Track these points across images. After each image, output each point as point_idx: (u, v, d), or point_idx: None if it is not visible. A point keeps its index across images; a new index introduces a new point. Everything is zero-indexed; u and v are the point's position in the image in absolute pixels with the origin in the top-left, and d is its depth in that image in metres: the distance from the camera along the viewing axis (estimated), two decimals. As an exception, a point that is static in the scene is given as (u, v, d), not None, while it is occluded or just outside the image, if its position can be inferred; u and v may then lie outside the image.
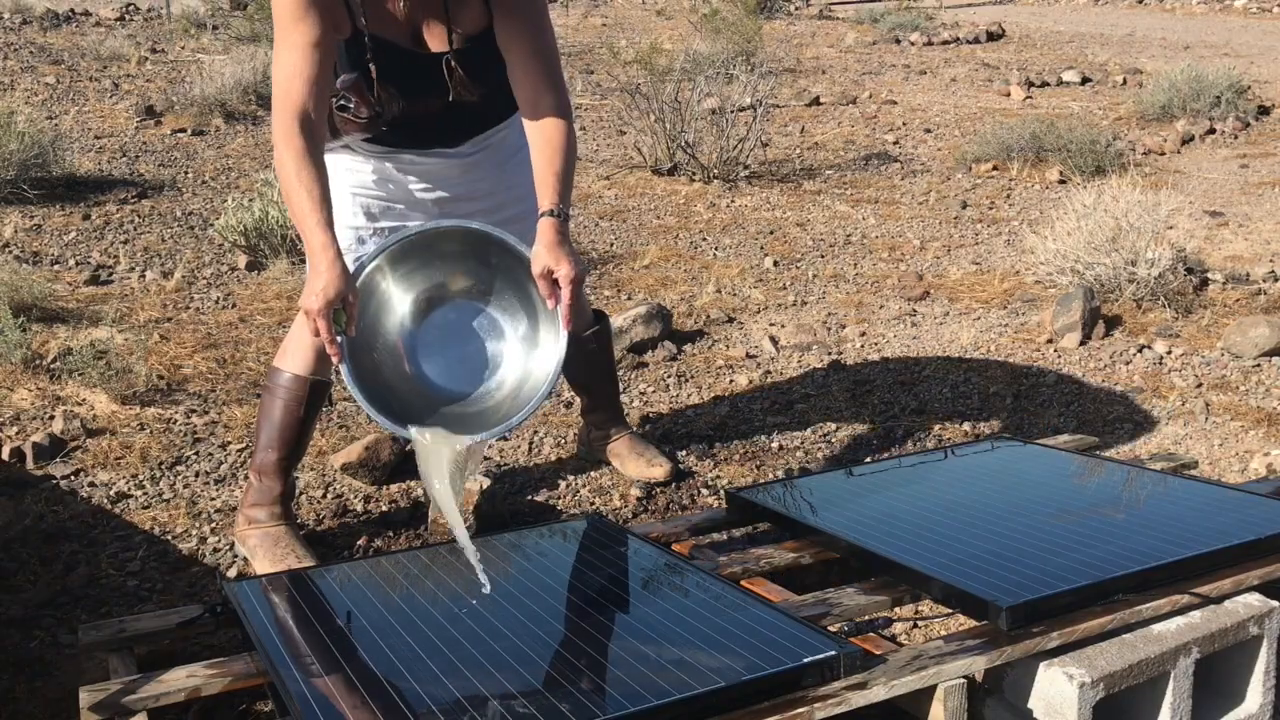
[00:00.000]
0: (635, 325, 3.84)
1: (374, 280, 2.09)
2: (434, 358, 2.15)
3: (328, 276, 1.94)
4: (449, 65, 2.19)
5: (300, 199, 1.99)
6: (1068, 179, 6.49)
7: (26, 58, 9.13)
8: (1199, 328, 4.04)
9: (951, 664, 1.72)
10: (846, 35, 13.26)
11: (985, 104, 9.16)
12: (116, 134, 6.88)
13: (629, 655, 1.72)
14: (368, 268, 2.07)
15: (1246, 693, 1.94)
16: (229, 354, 3.69)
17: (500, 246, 2.12)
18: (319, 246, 1.96)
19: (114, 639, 1.96)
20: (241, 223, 4.63)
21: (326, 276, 1.94)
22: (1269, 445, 3.11)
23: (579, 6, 15.30)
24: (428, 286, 2.15)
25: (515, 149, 2.47)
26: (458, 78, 2.21)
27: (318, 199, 1.99)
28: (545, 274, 2.06)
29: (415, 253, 2.12)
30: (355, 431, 3.13)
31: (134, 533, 2.61)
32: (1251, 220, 5.72)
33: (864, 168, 6.94)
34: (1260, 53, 12.27)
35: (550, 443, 3.11)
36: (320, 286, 1.94)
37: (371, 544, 2.56)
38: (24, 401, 3.25)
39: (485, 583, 1.95)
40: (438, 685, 1.65)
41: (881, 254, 5.14)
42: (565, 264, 2.04)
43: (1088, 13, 17.75)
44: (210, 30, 11.30)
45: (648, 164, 6.56)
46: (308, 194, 1.99)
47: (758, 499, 2.46)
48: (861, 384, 3.59)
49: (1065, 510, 2.29)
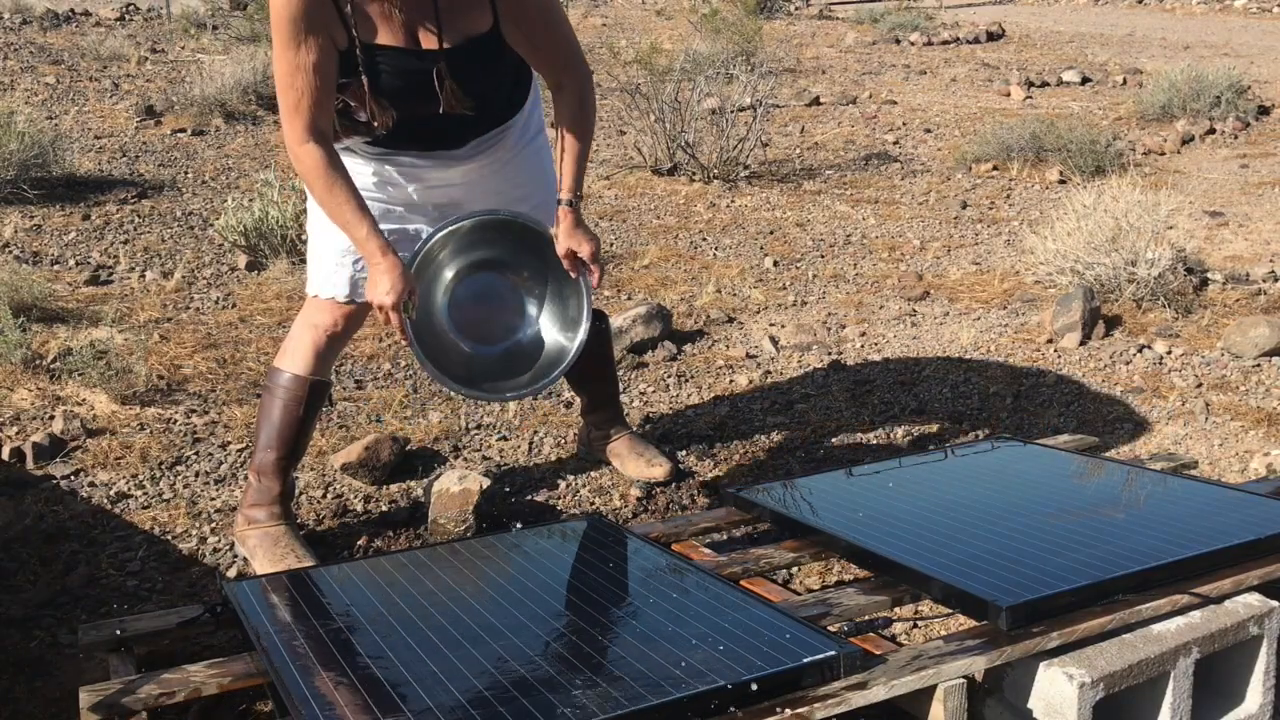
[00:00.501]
0: (635, 325, 3.84)
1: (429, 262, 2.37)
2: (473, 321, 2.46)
3: (392, 275, 2.17)
4: (439, 76, 2.18)
5: (344, 215, 2.18)
6: (1068, 179, 6.49)
7: (26, 58, 9.13)
8: (1199, 328, 4.04)
9: (951, 664, 1.72)
10: (846, 35, 13.26)
11: (985, 104, 9.16)
12: (116, 134, 6.89)
13: (629, 655, 1.72)
14: (418, 257, 2.31)
15: (1246, 693, 1.94)
16: (229, 354, 3.70)
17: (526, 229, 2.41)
18: (376, 251, 2.17)
19: (114, 639, 1.96)
20: (241, 223, 4.63)
21: (391, 276, 2.17)
22: (1269, 445, 3.11)
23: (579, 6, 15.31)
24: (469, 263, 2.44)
25: (517, 148, 2.47)
26: (449, 89, 2.20)
27: (358, 209, 2.18)
28: (569, 254, 2.37)
29: (453, 240, 2.38)
30: (355, 431, 3.13)
31: (134, 533, 2.61)
32: (1251, 220, 5.72)
33: (864, 168, 6.94)
34: (1260, 53, 12.27)
35: (550, 443, 3.11)
36: (389, 285, 2.17)
37: (371, 544, 2.56)
38: (24, 401, 3.25)
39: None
40: (438, 685, 1.65)
41: (881, 254, 5.14)
42: (586, 245, 2.37)
43: (1088, 13, 17.75)
44: (210, 30, 11.30)
45: (648, 164, 6.56)
46: (349, 207, 2.17)
47: (758, 499, 2.46)
48: (861, 384, 3.60)
49: (1065, 510, 2.29)
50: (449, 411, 3.31)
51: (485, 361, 2.46)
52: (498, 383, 2.44)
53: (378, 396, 3.40)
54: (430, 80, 2.19)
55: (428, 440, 3.11)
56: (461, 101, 2.22)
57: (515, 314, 2.50)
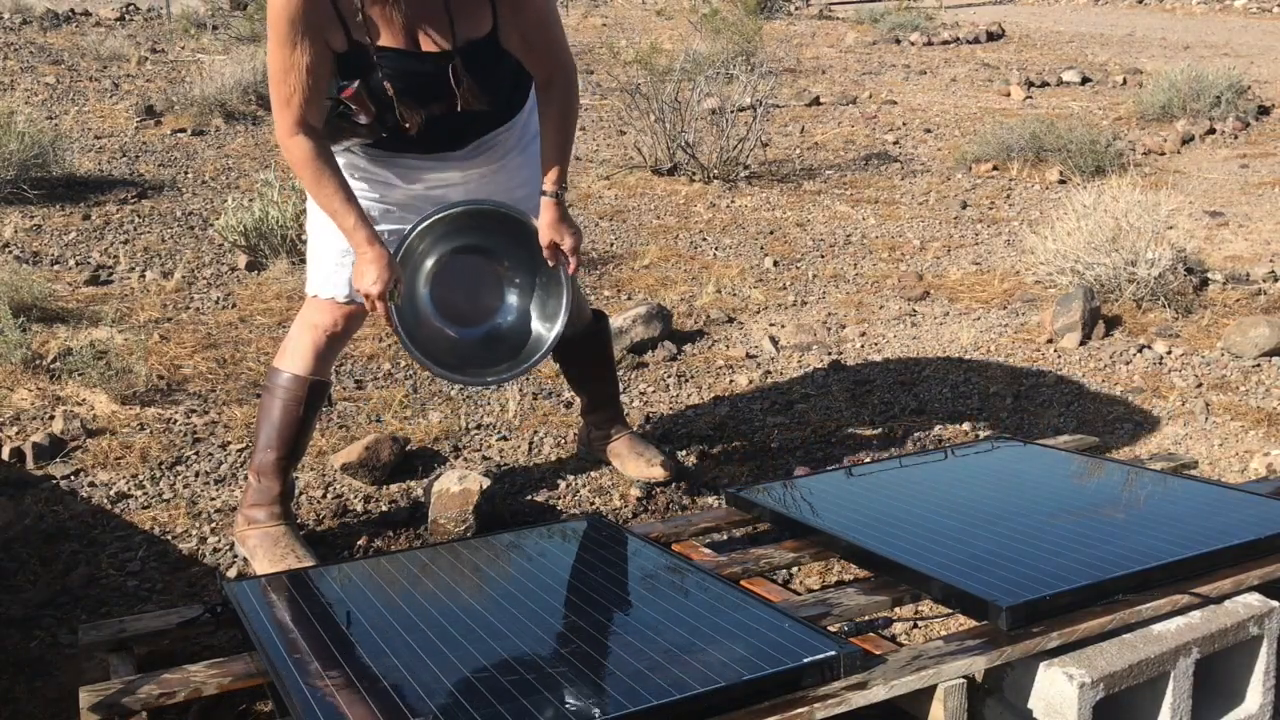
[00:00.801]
0: (635, 325, 3.84)
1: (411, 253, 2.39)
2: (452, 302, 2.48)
3: (378, 265, 2.22)
4: (455, 73, 2.20)
5: (332, 205, 2.22)
6: (1068, 179, 6.49)
7: (26, 58, 9.13)
8: (1199, 328, 4.04)
9: (951, 664, 1.72)
10: (846, 35, 13.26)
11: (985, 104, 9.16)
12: (116, 134, 6.89)
13: (629, 655, 1.72)
14: (404, 246, 2.34)
15: (1246, 693, 1.94)
16: (229, 354, 3.70)
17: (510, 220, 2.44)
18: (364, 241, 2.22)
19: (114, 639, 1.96)
20: (241, 223, 4.63)
21: (377, 265, 2.22)
22: (1269, 445, 3.11)
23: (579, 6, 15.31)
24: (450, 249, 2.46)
25: (516, 149, 2.48)
26: (466, 86, 2.22)
27: (345, 200, 2.22)
28: (551, 245, 2.39)
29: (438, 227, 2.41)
30: (355, 431, 3.13)
31: (134, 533, 2.61)
32: (1251, 220, 5.72)
33: (864, 168, 6.94)
34: (1260, 53, 12.27)
35: (550, 443, 3.11)
36: (375, 275, 2.22)
37: (371, 544, 2.56)
38: (24, 401, 3.25)
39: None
40: (438, 685, 1.65)
41: (881, 254, 5.14)
42: (569, 237, 2.39)
43: (1088, 13, 17.75)
44: (210, 30, 11.30)
45: (648, 164, 6.56)
46: (338, 197, 2.22)
47: (758, 499, 2.46)
48: (861, 384, 3.60)
49: (1065, 510, 2.29)
50: (449, 411, 3.31)
51: (467, 345, 2.49)
52: (480, 369, 2.47)
53: (378, 396, 3.40)
54: (432, 82, 2.19)
55: (428, 440, 3.11)
56: (479, 98, 2.25)
57: (494, 296, 2.51)
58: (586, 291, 4.39)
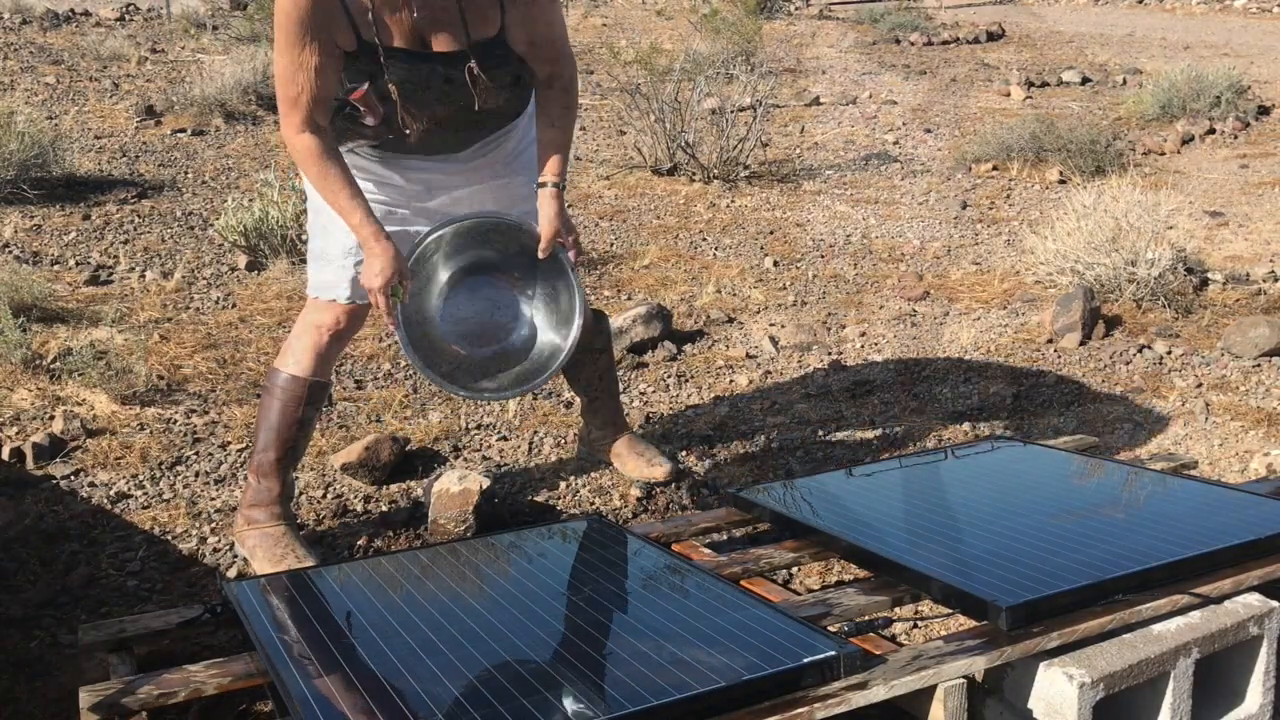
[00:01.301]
0: (635, 325, 3.84)
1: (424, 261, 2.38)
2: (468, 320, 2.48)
3: (384, 259, 2.22)
4: (471, 73, 2.20)
5: (339, 201, 2.22)
6: (1068, 179, 6.49)
7: (26, 58, 9.13)
8: (1199, 328, 4.04)
9: (951, 664, 1.72)
10: (846, 35, 13.26)
11: (985, 104, 9.16)
12: (116, 134, 6.89)
13: (629, 655, 1.72)
14: (418, 250, 2.34)
15: (1246, 693, 1.94)
16: (229, 354, 3.70)
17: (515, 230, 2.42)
18: (370, 237, 2.22)
19: (114, 639, 1.95)
20: (241, 223, 4.63)
21: (383, 259, 2.22)
22: (1269, 445, 3.11)
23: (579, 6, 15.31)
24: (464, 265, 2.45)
25: (515, 154, 2.48)
26: (482, 85, 2.22)
27: (351, 196, 2.22)
28: (551, 235, 2.37)
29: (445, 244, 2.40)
30: (355, 431, 3.13)
31: (134, 533, 2.61)
32: (1251, 220, 5.72)
33: (864, 168, 6.94)
34: (1260, 53, 12.27)
35: (550, 443, 3.11)
36: (379, 268, 2.22)
37: (371, 544, 2.56)
38: (24, 401, 3.25)
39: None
40: (438, 685, 1.65)
41: (881, 254, 5.14)
42: (571, 229, 2.40)
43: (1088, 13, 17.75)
44: (210, 30, 11.30)
45: (648, 164, 6.56)
46: (344, 193, 2.22)
47: (758, 499, 2.46)
48: (861, 384, 3.59)
49: (1065, 510, 2.29)
50: (449, 412, 3.31)
51: (475, 361, 2.48)
52: (483, 381, 2.44)
53: (378, 396, 3.40)
54: (441, 83, 2.20)
55: (428, 440, 3.11)
56: (495, 96, 2.26)
57: (511, 317, 2.51)
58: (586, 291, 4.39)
